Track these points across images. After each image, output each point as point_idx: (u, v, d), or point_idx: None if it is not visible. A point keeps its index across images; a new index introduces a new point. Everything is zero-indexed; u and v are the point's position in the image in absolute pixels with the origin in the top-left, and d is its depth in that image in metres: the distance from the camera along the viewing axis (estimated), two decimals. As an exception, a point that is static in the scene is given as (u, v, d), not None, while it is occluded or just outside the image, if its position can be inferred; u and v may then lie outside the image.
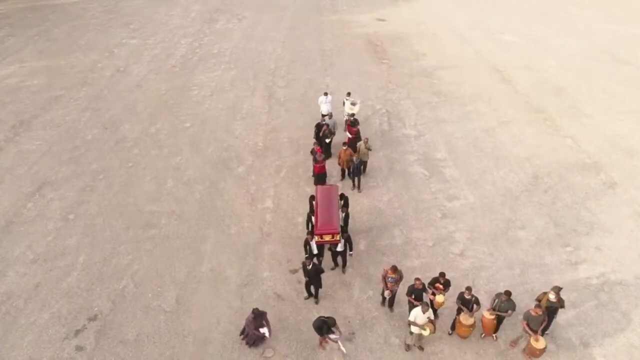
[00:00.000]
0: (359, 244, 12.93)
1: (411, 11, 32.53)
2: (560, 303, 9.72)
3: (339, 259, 11.99)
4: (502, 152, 16.87)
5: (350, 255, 12.26)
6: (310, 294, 11.34)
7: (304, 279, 11.19)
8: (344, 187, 14.92)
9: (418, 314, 9.44)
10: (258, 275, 12.10)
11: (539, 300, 9.87)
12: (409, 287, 10.19)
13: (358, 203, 14.44)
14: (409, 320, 9.66)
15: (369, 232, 13.40)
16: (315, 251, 11.49)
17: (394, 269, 10.42)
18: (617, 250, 12.66)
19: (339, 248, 11.56)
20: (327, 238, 11.37)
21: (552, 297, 9.55)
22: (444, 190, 15.03)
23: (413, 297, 10.08)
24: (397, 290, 10.71)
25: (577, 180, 15.35)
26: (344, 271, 12.05)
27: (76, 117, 19.30)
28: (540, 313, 9.17)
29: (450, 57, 24.88)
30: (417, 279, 10.12)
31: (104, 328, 10.74)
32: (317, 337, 10.19)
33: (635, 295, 11.36)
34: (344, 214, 12.39)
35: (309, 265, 10.61)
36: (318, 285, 11.06)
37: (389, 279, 10.43)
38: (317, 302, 11.29)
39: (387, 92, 21.25)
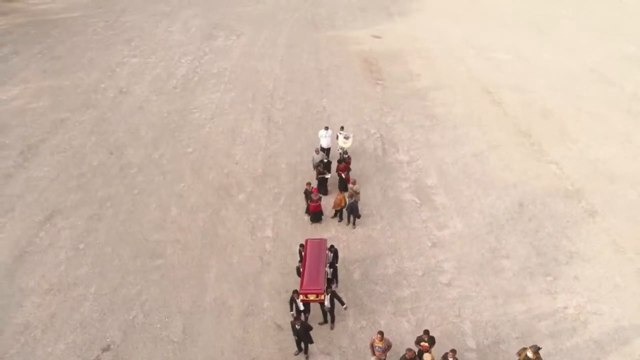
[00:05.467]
0: (353, 274, 13.79)
1: (406, 27, 33.23)
2: None
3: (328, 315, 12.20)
4: (490, 178, 17.74)
5: (345, 309, 12.19)
6: (300, 349, 11.55)
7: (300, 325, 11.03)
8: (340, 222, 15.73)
9: None
10: (259, 305, 12.95)
11: (518, 354, 10.39)
12: (401, 359, 10.13)
13: (353, 231, 15.31)
14: None
15: (363, 261, 14.26)
16: (301, 308, 11.78)
17: (381, 336, 10.34)
18: (594, 280, 13.56)
19: (326, 304, 11.71)
20: (312, 297, 11.69)
21: (529, 354, 9.97)
22: (433, 218, 15.89)
23: None
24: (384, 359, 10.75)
25: (560, 208, 16.24)
26: (332, 327, 12.20)
27: (82, 142, 20.03)
28: None
29: (443, 77, 25.68)
30: (409, 349, 10.06)
31: (116, 358, 11.58)
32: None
33: (608, 325, 12.27)
34: (332, 270, 12.78)
35: (297, 325, 10.85)
36: (308, 341, 11.26)
37: (377, 348, 10.52)
38: (307, 358, 11.51)
39: (381, 115, 22.07)
